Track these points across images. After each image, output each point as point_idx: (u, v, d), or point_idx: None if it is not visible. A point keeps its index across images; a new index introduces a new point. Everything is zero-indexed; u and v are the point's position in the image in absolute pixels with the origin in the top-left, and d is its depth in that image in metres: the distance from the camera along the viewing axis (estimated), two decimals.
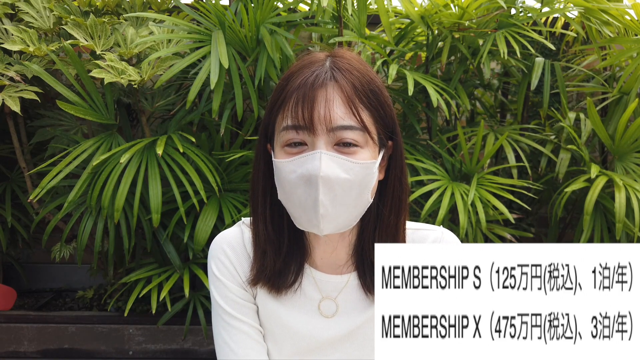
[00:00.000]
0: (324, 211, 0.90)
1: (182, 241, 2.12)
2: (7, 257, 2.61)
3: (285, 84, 0.95)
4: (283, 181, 0.93)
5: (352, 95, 0.91)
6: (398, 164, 1.00)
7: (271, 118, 0.97)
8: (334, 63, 0.94)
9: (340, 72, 0.92)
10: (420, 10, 2.19)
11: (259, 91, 2.08)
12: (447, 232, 1.07)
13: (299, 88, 0.91)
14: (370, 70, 0.97)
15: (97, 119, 2.06)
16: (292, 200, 0.93)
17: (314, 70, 0.93)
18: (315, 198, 0.89)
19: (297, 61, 0.98)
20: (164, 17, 2.08)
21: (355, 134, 0.91)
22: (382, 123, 0.95)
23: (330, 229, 0.93)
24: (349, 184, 0.91)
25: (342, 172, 0.90)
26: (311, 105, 0.90)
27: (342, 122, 0.90)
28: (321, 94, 0.90)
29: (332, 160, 0.90)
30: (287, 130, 0.92)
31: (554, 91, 2.49)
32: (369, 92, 0.93)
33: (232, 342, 1.02)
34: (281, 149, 0.94)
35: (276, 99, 0.95)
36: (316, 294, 1.03)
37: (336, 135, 0.90)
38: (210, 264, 1.06)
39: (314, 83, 0.91)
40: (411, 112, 2.26)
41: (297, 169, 0.91)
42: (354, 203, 0.93)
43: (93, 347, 2.29)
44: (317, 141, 0.90)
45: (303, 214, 0.92)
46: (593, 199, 2.00)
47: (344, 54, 0.97)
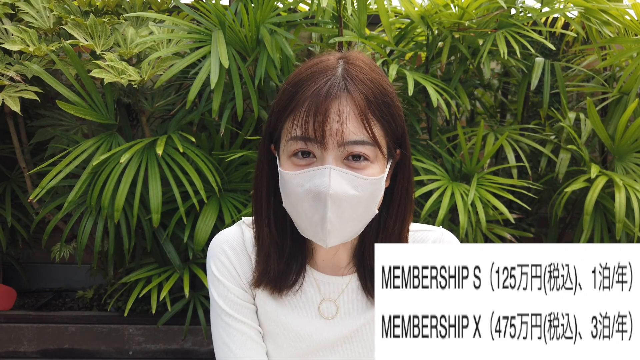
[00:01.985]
0: (331, 227, 0.89)
1: (182, 241, 2.12)
2: (7, 257, 2.61)
3: (295, 90, 0.91)
4: (289, 192, 0.91)
5: (365, 109, 0.88)
6: (406, 175, 0.98)
7: (279, 124, 0.94)
8: (347, 72, 0.90)
9: (353, 83, 0.89)
10: (420, 10, 2.19)
11: (259, 91, 2.08)
12: (447, 233, 1.07)
13: (311, 98, 0.88)
14: (383, 77, 0.94)
15: (97, 119, 2.06)
16: (298, 211, 0.92)
17: (327, 79, 0.89)
18: (323, 215, 0.88)
19: (306, 62, 0.95)
20: (164, 17, 2.08)
21: (366, 149, 0.89)
22: (392, 136, 0.93)
23: (336, 242, 0.92)
24: (357, 200, 0.89)
25: (351, 188, 0.88)
26: (323, 119, 0.87)
27: (354, 137, 0.88)
28: (334, 106, 0.87)
29: (342, 176, 0.88)
30: (296, 140, 0.89)
31: (554, 91, 2.49)
32: (382, 104, 0.91)
33: (231, 342, 1.02)
34: (288, 158, 0.91)
35: (286, 104, 0.91)
36: (317, 295, 1.03)
37: (346, 150, 0.88)
38: (210, 264, 1.05)
39: (327, 94, 0.88)
40: (411, 112, 2.26)
41: (305, 183, 0.89)
42: (360, 217, 0.92)
43: (93, 347, 2.29)
44: (326, 155, 0.88)
45: (309, 227, 0.91)
46: (593, 199, 2.00)
47: (356, 60, 0.93)
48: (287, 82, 0.94)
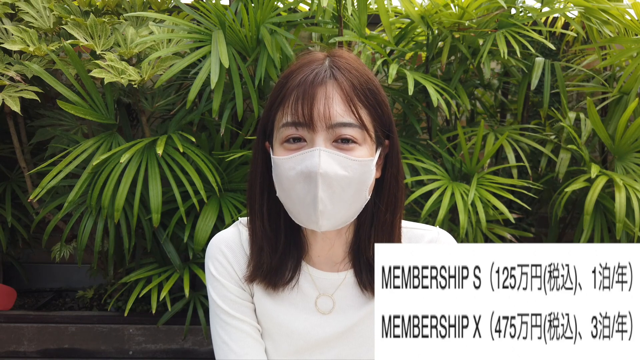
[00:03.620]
0: (323, 207, 0.91)
1: (182, 241, 2.12)
2: (7, 257, 2.62)
3: (284, 82, 0.96)
4: (282, 178, 0.94)
5: (351, 93, 0.93)
6: (394, 163, 1.01)
7: (270, 116, 0.98)
8: (333, 62, 0.96)
9: (339, 71, 0.94)
10: (420, 10, 2.19)
11: (259, 91, 2.08)
12: (443, 233, 1.07)
13: (299, 85, 0.93)
14: (367, 70, 0.99)
15: (97, 119, 2.06)
16: (291, 197, 0.93)
17: (313, 68, 0.94)
18: (314, 195, 0.90)
19: (296, 60, 1.00)
20: (164, 16, 2.08)
21: (354, 131, 0.92)
22: (379, 121, 0.97)
23: (329, 226, 0.94)
24: (347, 180, 0.92)
25: (341, 169, 0.91)
26: (311, 102, 0.91)
27: (341, 119, 0.91)
28: (321, 91, 0.92)
29: (331, 157, 0.91)
30: (287, 126, 0.93)
31: (554, 91, 2.49)
32: (367, 90, 0.95)
33: (230, 341, 1.02)
34: (280, 145, 0.95)
35: (276, 96, 0.97)
36: (313, 291, 1.04)
37: (335, 132, 0.92)
38: (208, 264, 1.06)
39: (314, 81, 0.92)
40: (411, 112, 2.26)
41: (296, 165, 0.92)
42: (352, 200, 0.94)
43: (93, 347, 2.29)
44: (316, 138, 0.91)
45: (302, 211, 0.93)
46: (593, 199, 2.00)
47: (342, 54, 0.98)
48: (279, 78, 0.99)
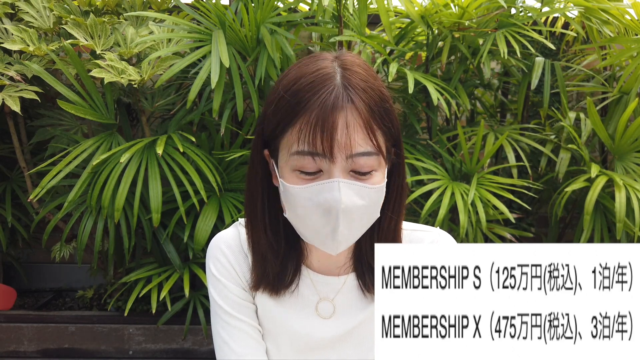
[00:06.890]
0: (342, 238, 0.90)
1: (182, 241, 2.12)
2: (7, 256, 2.61)
3: (295, 101, 0.88)
4: (296, 206, 0.91)
5: (369, 118, 0.88)
6: (401, 172, 0.99)
7: (276, 132, 0.91)
8: (347, 79, 0.89)
9: (355, 92, 0.88)
10: (421, 10, 2.18)
11: (259, 91, 2.08)
12: (444, 234, 1.07)
13: (317, 111, 0.86)
14: (378, 80, 0.93)
15: (97, 119, 2.06)
16: (306, 224, 0.92)
17: (329, 90, 0.87)
18: (334, 227, 0.88)
19: (300, 67, 0.92)
20: (164, 16, 2.08)
21: (372, 159, 0.89)
22: (391, 139, 0.94)
23: (343, 248, 0.93)
24: (365, 209, 0.90)
25: (359, 199, 0.89)
26: (331, 133, 0.85)
27: (361, 149, 0.87)
28: (341, 118, 0.86)
29: (350, 188, 0.88)
30: (302, 155, 0.87)
31: (554, 91, 2.49)
32: (383, 112, 0.91)
33: (231, 341, 1.02)
34: (292, 171, 0.90)
35: (285, 114, 0.89)
36: (313, 296, 1.03)
37: (354, 162, 0.88)
38: (209, 265, 1.05)
39: (333, 107, 0.86)
40: (411, 111, 2.26)
41: (313, 197, 0.88)
42: (367, 223, 0.94)
43: (93, 346, 2.29)
44: (334, 168, 0.87)
45: (316, 237, 0.92)
46: (593, 199, 2.00)
47: (353, 65, 0.91)
48: (282, 88, 0.91)
